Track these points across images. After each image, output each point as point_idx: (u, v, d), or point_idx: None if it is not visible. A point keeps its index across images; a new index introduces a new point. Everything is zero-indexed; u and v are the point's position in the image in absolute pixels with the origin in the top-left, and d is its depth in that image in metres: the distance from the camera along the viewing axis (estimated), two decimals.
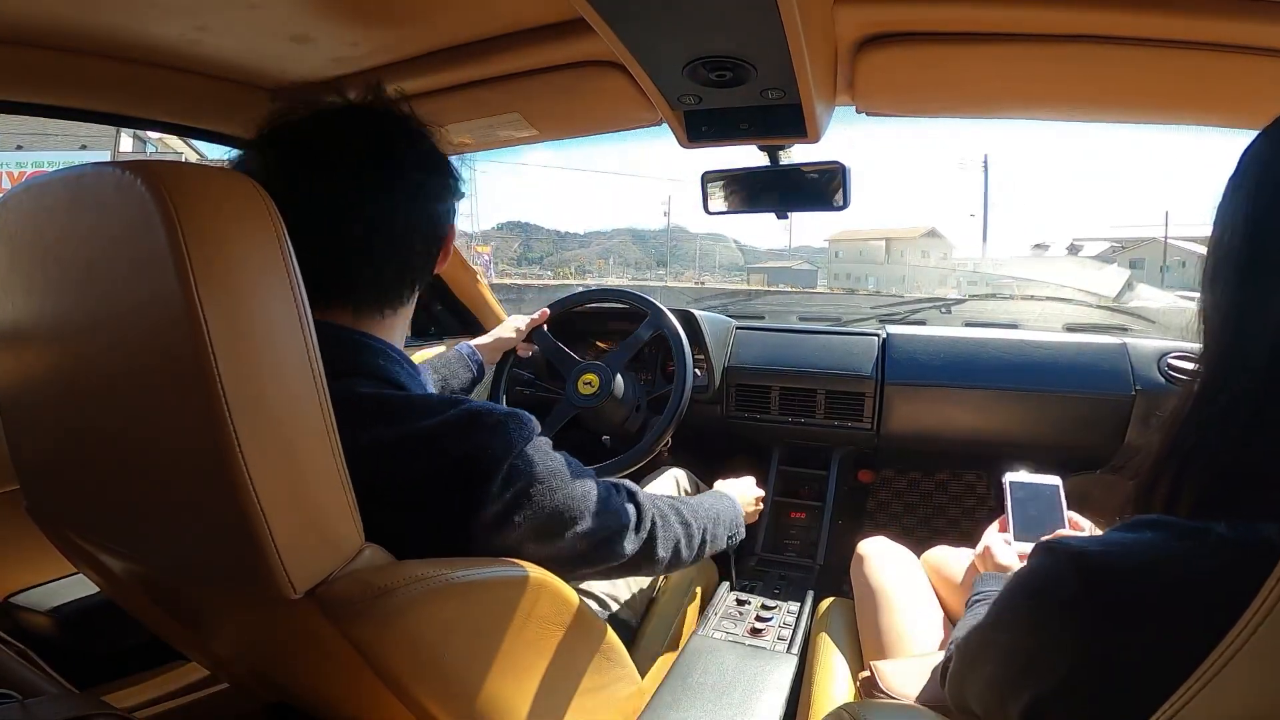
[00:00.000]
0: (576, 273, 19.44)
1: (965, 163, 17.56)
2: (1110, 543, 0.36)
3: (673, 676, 0.90)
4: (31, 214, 0.46)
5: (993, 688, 0.41)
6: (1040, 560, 0.38)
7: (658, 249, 27.30)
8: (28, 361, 0.50)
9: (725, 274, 23.58)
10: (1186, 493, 0.37)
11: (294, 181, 0.53)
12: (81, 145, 10.04)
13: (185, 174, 0.38)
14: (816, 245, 26.40)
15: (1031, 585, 0.39)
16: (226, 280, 0.37)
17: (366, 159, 0.57)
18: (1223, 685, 0.28)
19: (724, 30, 0.68)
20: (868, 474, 1.66)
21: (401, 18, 0.82)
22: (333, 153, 0.56)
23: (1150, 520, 0.36)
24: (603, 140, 1.23)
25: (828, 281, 20.96)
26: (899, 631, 0.88)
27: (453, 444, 0.52)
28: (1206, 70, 0.72)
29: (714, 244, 26.63)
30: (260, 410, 0.39)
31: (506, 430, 0.54)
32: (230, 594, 0.50)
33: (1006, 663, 0.40)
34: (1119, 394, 1.26)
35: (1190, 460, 0.38)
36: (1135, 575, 0.34)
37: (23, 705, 0.52)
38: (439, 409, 0.53)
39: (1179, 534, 0.34)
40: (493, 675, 0.53)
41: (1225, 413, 0.36)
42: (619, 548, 0.64)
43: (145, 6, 0.76)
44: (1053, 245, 22.48)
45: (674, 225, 29.41)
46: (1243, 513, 0.34)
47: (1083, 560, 0.35)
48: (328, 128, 0.58)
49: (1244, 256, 0.36)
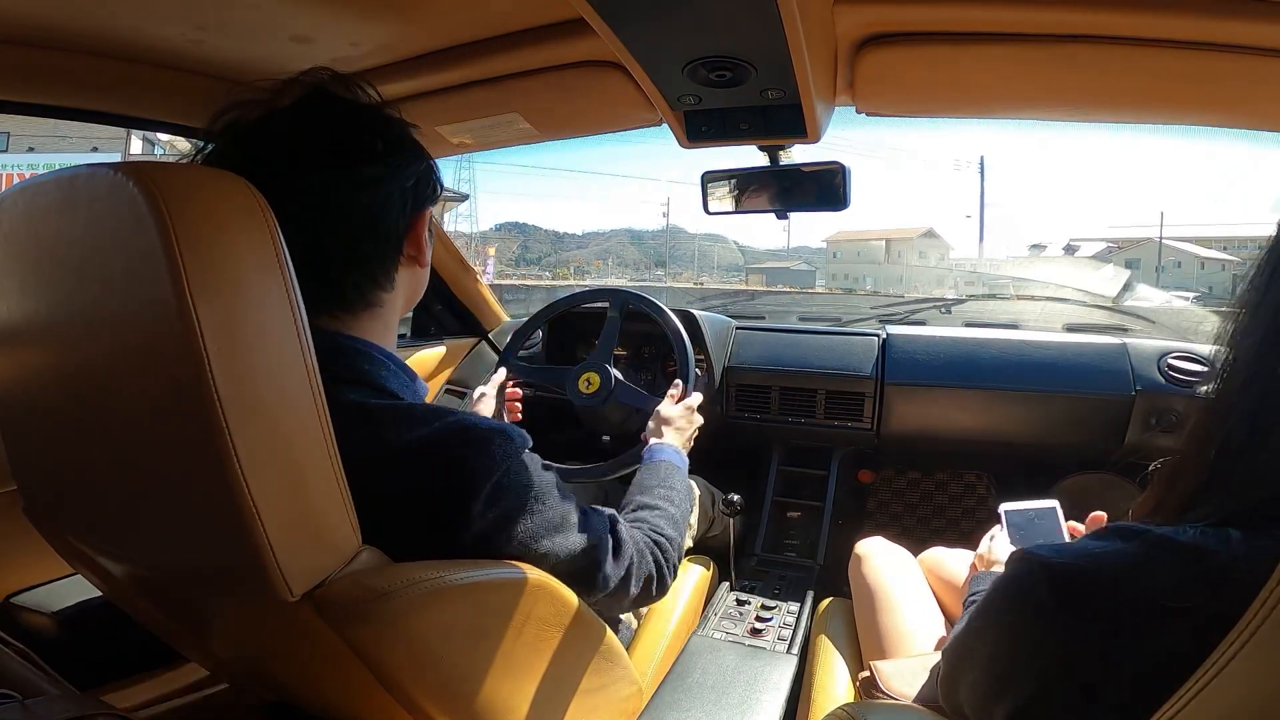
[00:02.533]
0: (576, 274, 19.43)
1: (961, 164, 17.61)
2: (1080, 552, 0.36)
3: (672, 676, 0.90)
4: (26, 215, 0.46)
5: (978, 692, 0.41)
6: (1014, 569, 0.39)
7: (656, 249, 27.30)
8: (23, 363, 0.49)
9: (724, 274, 23.66)
10: (1208, 495, 0.37)
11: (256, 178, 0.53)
12: (93, 147, 10.07)
13: (177, 174, 0.38)
14: (814, 245, 26.49)
15: (1007, 594, 0.39)
16: (220, 281, 0.37)
17: (321, 153, 0.55)
18: (1223, 686, 0.28)
19: (724, 30, 0.68)
20: (868, 474, 1.66)
21: (401, 18, 0.81)
22: (286, 149, 0.54)
23: (1122, 528, 0.36)
24: (602, 141, 1.23)
25: (826, 282, 21.07)
26: (897, 631, 0.88)
27: (438, 459, 0.51)
28: (1206, 70, 0.72)
29: (712, 244, 26.67)
30: (255, 411, 0.38)
31: (491, 447, 0.53)
32: (227, 596, 0.50)
33: (988, 668, 0.40)
34: (1119, 394, 1.26)
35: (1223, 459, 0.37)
36: (1104, 584, 0.34)
37: (23, 705, 0.52)
38: (426, 420, 0.52)
39: (1148, 543, 0.34)
40: (491, 677, 0.53)
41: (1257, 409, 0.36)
42: (599, 575, 0.64)
43: (145, 6, 0.76)
44: (1049, 246, 22.65)
45: (672, 226, 29.42)
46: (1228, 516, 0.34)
47: (1052, 570, 0.36)
48: (284, 123, 0.56)
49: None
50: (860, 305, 1.72)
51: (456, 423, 0.52)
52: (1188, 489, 0.38)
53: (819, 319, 1.71)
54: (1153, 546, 0.34)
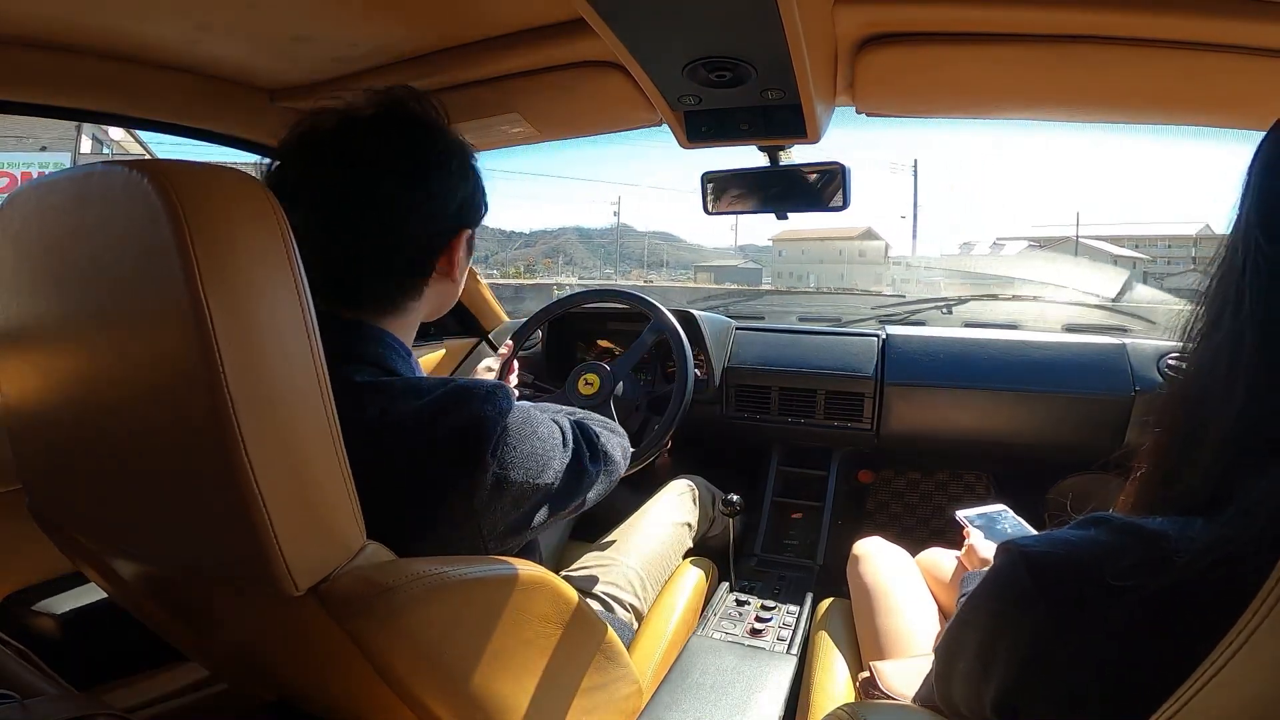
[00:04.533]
0: (526, 273, 19.42)
1: (897, 167, 18.02)
2: (1057, 541, 0.38)
3: (672, 676, 0.91)
4: (38, 212, 0.46)
5: (968, 682, 0.42)
6: (1000, 560, 0.41)
7: (605, 248, 27.15)
8: (33, 359, 0.50)
9: (672, 273, 23.73)
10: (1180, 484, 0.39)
11: (319, 183, 0.57)
12: (42, 147, 9.93)
13: (192, 173, 0.38)
14: (761, 244, 26.66)
15: (993, 584, 0.41)
16: (232, 278, 0.38)
17: (392, 162, 0.59)
18: (1222, 685, 0.28)
19: (724, 30, 0.68)
20: (867, 474, 1.66)
21: (401, 18, 0.82)
22: (359, 154, 0.59)
23: (1097, 518, 0.38)
24: (561, 146, 1.23)
25: (772, 280, 21.41)
26: (896, 631, 0.88)
27: (448, 417, 0.54)
28: (1206, 70, 0.73)
29: (661, 243, 26.76)
30: (264, 408, 0.39)
31: (496, 399, 0.56)
32: (233, 591, 0.50)
33: (977, 657, 0.41)
34: (1119, 394, 1.26)
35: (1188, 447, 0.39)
36: (1077, 571, 0.36)
37: (23, 705, 0.52)
38: (431, 388, 0.55)
39: (1116, 529, 0.36)
40: (493, 673, 0.53)
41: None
42: (587, 477, 0.66)
43: (145, 6, 0.76)
44: (978, 244, 23.43)
45: (622, 224, 29.33)
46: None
47: (1031, 559, 0.38)
48: (361, 131, 0.60)
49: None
50: (860, 305, 1.71)
51: (460, 384, 0.56)
52: (1155, 485, 0.41)
53: (819, 319, 1.70)
54: (1120, 532, 0.36)
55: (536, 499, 0.59)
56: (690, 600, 1.08)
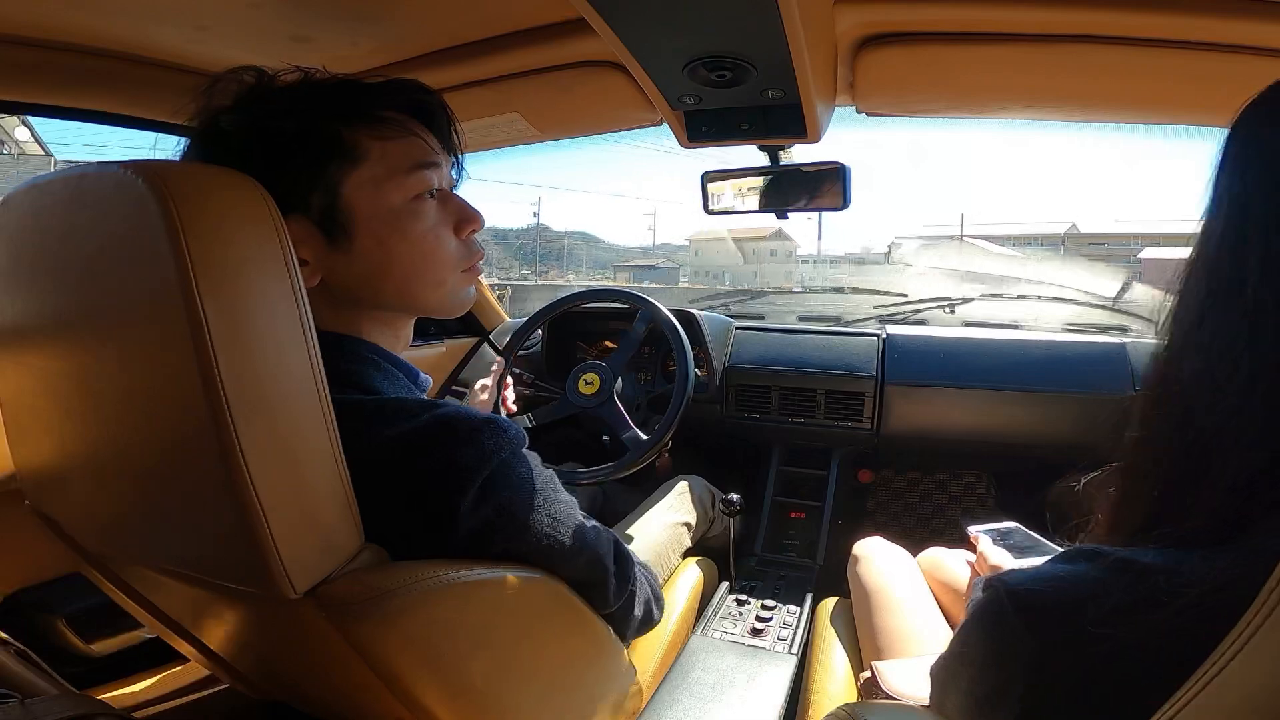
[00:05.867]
0: None
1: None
2: (1043, 577, 0.36)
3: (672, 676, 0.91)
4: (33, 213, 0.46)
5: (965, 714, 0.41)
6: (985, 596, 0.39)
7: (523, 248, 26.93)
8: (29, 360, 0.50)
9: (590, 272, 23.74)
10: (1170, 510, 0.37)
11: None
12: None
13: (186, 173, 0.38)
14: (677, 243, 26.85)
15: (981, 622, 0.39)
16: (227, 279, 0.37)
17: (265, 151, 0.50)
18: (1223, 686, 0.28)
19: (724, 30, 0.68)
20: (867, 474, 1.66)
21: (401, 18, 0.81)
22: (248, 146, 0.50)
23: (1086, 551, 0.36)
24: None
25: (689, 279, 21.93)
26: (897, 631, 0.88)
27: (421, 456, 0.48)
28: (1206, 71, 0.72)
29: (580, 243, 26.69)
30: (261, 409, 0.39)
31: (480, 441, 0.49)
32: (230, 594, 0.50)
33: (971, 692, 0.40)
34: (1119, 394, 1.26)
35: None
36: (1068, 610, 0.34)
37: (23, 705, 0.53)
38: (409, 413, 0.49)
39: (1107, 565, 0.34)
40: (492, 675, 0.53)
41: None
42: (607, 590, 0.62)
43: (145, 6, 0.76)
44: (875, 245, 24.61)
45: (540, 225, 29.15)
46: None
47: (1017, 598, 0.36)
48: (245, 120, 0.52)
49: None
50: (860, 305, 1.71)
51: (441, 415, 0.49)
52: (1138, 514, 0.39)
53: (819, 319, 1.70)
54: (1112, 568, 0.34)
55: (532, 562, 0.54)
56: (690, 600, 1.08)
